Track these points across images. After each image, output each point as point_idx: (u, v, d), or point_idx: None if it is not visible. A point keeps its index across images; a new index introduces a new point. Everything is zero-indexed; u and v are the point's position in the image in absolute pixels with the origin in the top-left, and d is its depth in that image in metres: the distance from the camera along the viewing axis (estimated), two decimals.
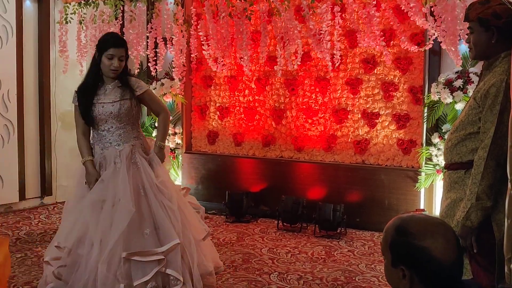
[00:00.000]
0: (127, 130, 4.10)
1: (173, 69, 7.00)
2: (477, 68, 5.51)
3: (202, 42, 6.63)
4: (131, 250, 3.75)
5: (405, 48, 5.72)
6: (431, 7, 5.32)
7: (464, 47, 5.45)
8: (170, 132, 7.45)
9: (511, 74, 2.39)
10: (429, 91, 5.88)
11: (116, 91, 4.07)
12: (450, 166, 2.90)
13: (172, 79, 7.21)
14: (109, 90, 4.06)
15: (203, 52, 6.70)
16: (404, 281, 1.82)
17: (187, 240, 3.98)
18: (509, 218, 2.32)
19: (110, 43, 4.00)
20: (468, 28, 2.86)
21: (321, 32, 5.84)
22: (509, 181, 2.32)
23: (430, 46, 5.60)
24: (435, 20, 5.34)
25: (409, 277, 1.80)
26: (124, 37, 6.83)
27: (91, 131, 4.16)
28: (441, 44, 5.40)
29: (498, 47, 2.73)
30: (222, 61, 6.77)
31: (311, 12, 5.85)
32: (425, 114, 5.94)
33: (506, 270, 2.32)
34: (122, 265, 3.73)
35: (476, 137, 2.74)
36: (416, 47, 5.73)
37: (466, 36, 2.95)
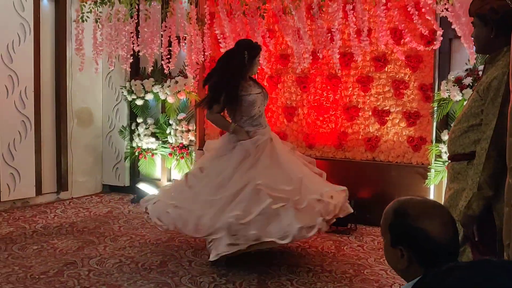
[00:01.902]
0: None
1: (186, 67, 7.10)
2: None
3: (219, 40, 6.71)
4: None
5: (413, 46, 5.78)
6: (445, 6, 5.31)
7: None
8: (183, 129, 7.57)
9: (511, 68, 2.46)
10: (439, 89, 5.94)
11: (255, 84, 5.24)
12: (453, 157, 2.97)
13: (186, 77, 7.33)
14: (252, 84, 5.20)
15: (221, 50, 6.79)
16: (403, 261, 1.90)
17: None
18: (507, 206, 2.40)
19: (260, 48, 5.25)
20: (471, 23, 2.95)
21: (332, 30, 5.92)
22: (508, 170, 2.40)
23: (438, 45, 5.68)
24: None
25: (407, 256, 1.88)
26: (139, 36, 6.97)
27: (235, 118, 5.18)
28: (461, 39, 5.38)
29: (497, 42, 2.80)
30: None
31: (321, 11, 5.94)
32: (435, 112, 6.00)
33: (505, 256, 2.40)
34: None
35: (479, 129, 2.80)
36: (422, 47, 5.81)
37: None
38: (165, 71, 7.09)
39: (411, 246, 1.88)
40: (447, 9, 5.23)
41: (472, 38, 2.99)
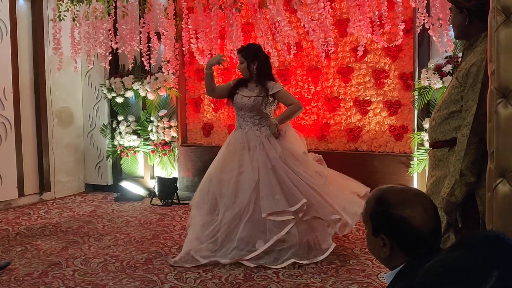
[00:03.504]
0: (255, 118, 5.16)
1: (166, 63, 7.06)
2: None
3: (191, 36, 6.68)
4: (267, 212, 4.77)
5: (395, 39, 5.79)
6: None
7: None
8: (165, 125, 7.53)
9: (488, 53, 2.46)
10: (419, 77, 5.95)
11: (253, 89, 5.16)
12: (434, 145, 2.97)
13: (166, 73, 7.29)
14: (252, 87, 5.18)
15: (191, 45, 6.74)
16: (385, 249, 1.89)
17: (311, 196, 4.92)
18: (489, 191, 2.40)
19: (238, 51, 5.26)
20: (449, 8, 2.96)
21: (313, 20, 5.90)
22: (489, 155, 2.40)
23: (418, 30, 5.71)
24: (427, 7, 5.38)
25: (389, 245, 1.87)
26: (117, 33, 6.91)
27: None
28: (428, 32, 5.47)
29: (473, 28, 2.81)
30: (213, 54, 6.82)
31: (299, 2, 5.92)
32: (416, 100, 6.01)
33: None
34: (262, 224, 4.79)
35: (459, 115, 2.81)
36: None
37: None
38: (146, 67, 7.04)
39: (392, 234, 1.87)
40: None
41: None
